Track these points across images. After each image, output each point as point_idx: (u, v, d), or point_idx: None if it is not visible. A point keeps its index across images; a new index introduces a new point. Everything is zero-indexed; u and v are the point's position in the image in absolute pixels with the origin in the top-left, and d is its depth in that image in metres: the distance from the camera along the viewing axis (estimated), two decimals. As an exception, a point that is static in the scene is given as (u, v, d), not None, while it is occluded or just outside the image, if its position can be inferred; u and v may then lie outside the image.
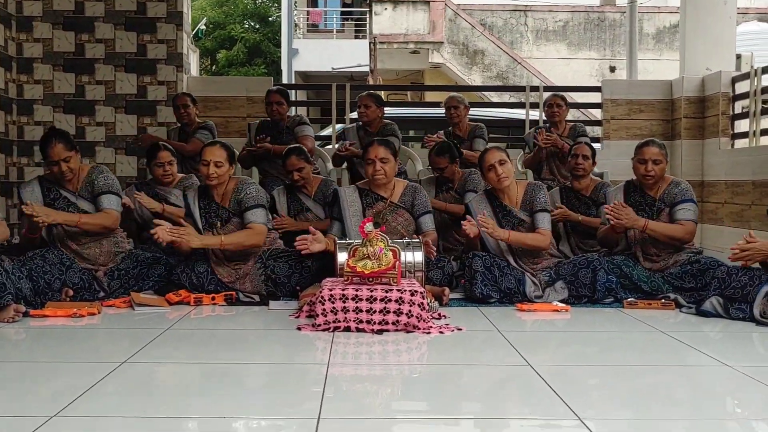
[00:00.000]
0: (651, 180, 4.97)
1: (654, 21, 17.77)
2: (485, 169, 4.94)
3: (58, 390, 2.85)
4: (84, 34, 7.65)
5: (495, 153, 4.94)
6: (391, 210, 4.96)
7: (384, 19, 17.29)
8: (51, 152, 4.66)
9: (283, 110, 6.68)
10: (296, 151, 5.64)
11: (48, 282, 4.44)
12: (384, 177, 4.92)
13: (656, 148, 4.99)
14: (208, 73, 26.60)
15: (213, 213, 4.82)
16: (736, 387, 3.05)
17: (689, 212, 4.89)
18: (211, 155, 4.73)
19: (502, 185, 4.92)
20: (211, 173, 4.72)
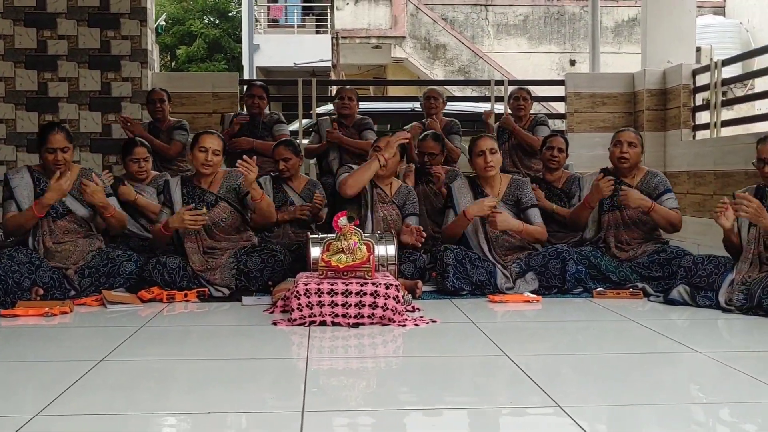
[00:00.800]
0: (625, 163, 5.06)
1: (613, 15, 18.01)
2: (475, 153, 4.99)
3: (37, 389, 2.84)
4: (46, 30, 7.54)
5: (488, 141, 5.03)
6: (385, 202, 5.11)
7: (346, 14, 17.31)
8: (52, 138, 4.66)
9: (263, 104, 6.72)
10: (285, 143, 5.70)
11: (17, 281, 4.40)
12: (386, 170, 5.07)
13: (632, 133, 5.15)
14: (167, 69, 26.35)
15: (197, 198, 4.85)
16: (705, 372, 3.14)
17: (674, 201, 5.08)
18: (210, 143, 4.81)
19: (487, 173, 4.99)
20: (208, 160, 4.79)
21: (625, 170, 5.10)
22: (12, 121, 7.48)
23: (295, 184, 5.65)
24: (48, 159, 4.69)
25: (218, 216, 4.87)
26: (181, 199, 4.86)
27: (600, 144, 7.87)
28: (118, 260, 4.78)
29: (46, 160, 4.71)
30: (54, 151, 4.66)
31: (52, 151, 4.66)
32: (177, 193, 4.88)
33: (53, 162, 4.67)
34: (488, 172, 4.99)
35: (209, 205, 4.85)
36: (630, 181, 5.11)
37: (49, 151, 4.67)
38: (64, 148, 4.68)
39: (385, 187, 5.16)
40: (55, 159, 4.67)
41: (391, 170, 5.15)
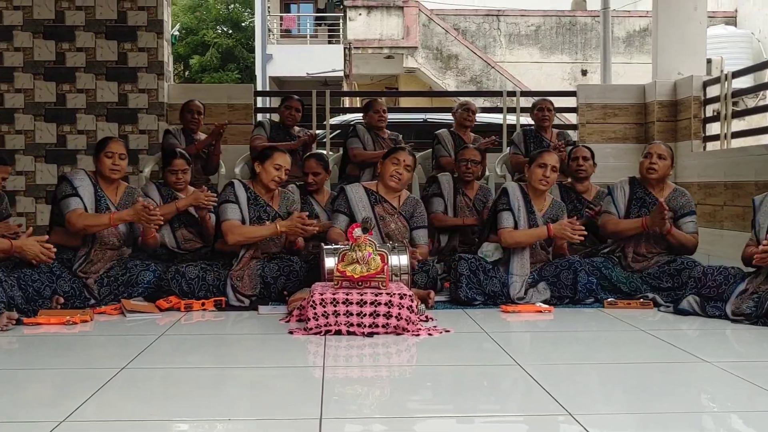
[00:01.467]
0: (653, 174, 5.11)
1: (624, 25, 18.05)
2: (537, 164, 5.04)
3: (63, 396, 2.92)
4: (64, 42, 7.67)
5: (554, 157, 5.09)
6: (393, 214, 5.12)
7: (358, 25, 17.40)
8: (112, 144, 4.94)
9: (298, 117, 6.95)
10: (317, 156, 5.81)
11: (38, 290, 4.48)
12: (399, 182, 5.11)
13: (663, 146, 5.21)
14: (180, 79, 26.55)
15: (261, 209, 4.98)
16: (715, 382, 3.19)
17: (694, 224, 5.12)
18: (284, 161, 4.99)
19: (540, 187, 5.05)
20: (281, 178, 4.99)
21: (653, 181, 5.15)
22: (31, 132, 7.61)
23: (320, 198, 5.76)
24: (104, 163, 4.91)
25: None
26: (246, 201, 4.97)
27: (611, 155, 7.96)
28: (136, 270, 4.87)
29: (103, 165, 4.91)
30: (112, 156, 4.91)
31: (110, 155, 4.90)
32: (242, 194, 4.98)
33: (109, 167, 4.91)
34: (542, 186, 5.04)
35: (271, 218, 5.00)
36: (658, 194, 5.15)
37: (107, 156, 4.90)
38: (121, 155, 4.95)
39: (392, 200, 5.16)
40: (113, 164, 4.91)
41: (404, 184, 5.18)
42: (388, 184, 5.09)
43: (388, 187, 5.12)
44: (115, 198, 4.99)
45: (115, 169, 4.93)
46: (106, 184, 4.98)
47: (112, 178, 4.97)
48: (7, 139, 7.63)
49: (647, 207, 5.08)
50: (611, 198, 5.24)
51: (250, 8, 26.58)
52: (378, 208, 5.10)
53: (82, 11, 7.67)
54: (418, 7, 17.34)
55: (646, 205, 5.09)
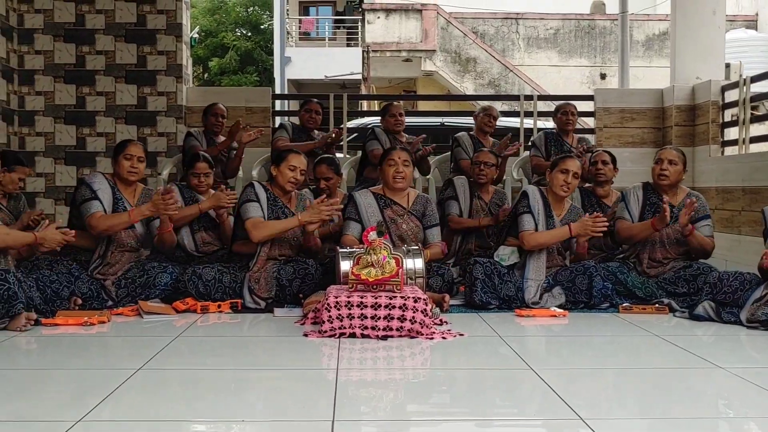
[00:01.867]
0: (665, 180, 5.10)
1: (644, 28, 17.98)
2: (559, 170, 5.05)
3: (79, 396, 2.96)
4: (84, 46, 7.76)
5: (576, 162, 5.10)
6: (404, 215, 5.09)
7: (377, 28, 17.43)
8: (131, 147, 5.03)
9: (318, 120, 6.98)
10: (328, 161, 5.82)
11: (56, 291, 4.55)
12: (403, 181, 5.08)
13: (673, 151, 5.19)
14: (200, 81, 26.72)
15: (279, 210, 5.02)
16: (729, 388, 3.18)
17: (710, 228, 5.12)
18: (299, 162, 5.04)
19: (561, 193, 5.06)
20: (298, 180, 5.04)
21: (665, 187, 5.14)
22: (51, 135, 7.70)
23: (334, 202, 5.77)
24: (123, 164, 4.97)
25: (291, 233, 5.03)
26: (266, 201, 5.02)
27: (629, 159, 7.93)
28: (153, 272, 4.92)
29: (121, 166, 4.97)
30: (131, 158, 4.98)
31: (129, 157, 4.98)
32: (262, 194, 5.02)
33: (127, 168, 4.97)
34: (562, 192, 5.06)
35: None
36: (671, 198, 5.14)
37: (126, 158, 4.97)
38: (140, 158, 5.02)
39: (401, 200, 5.14)
40: (132, 165, 4.98)
41: (409, 181, 5.16)
42: (394, 186, 5.09)
43: (394, 189, 5.12)
44: (132, 200, 5.04)
45: (134, 171, 4.98)
46: (124, 187, 5.03)
47: (131, 180, 5.02)
48: (27, 141, 7.72)
49: (661, 211, 5.07)
50: (625, 204, 5.23)
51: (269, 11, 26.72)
52: (388, 212, 5.09)
53: (102, 15, 7.75)
54: (437, 10, 17.35)
55: (660, 210, 5.08)
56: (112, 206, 4.92)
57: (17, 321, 4.09)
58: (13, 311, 4.08)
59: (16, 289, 4.11)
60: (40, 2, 7.73)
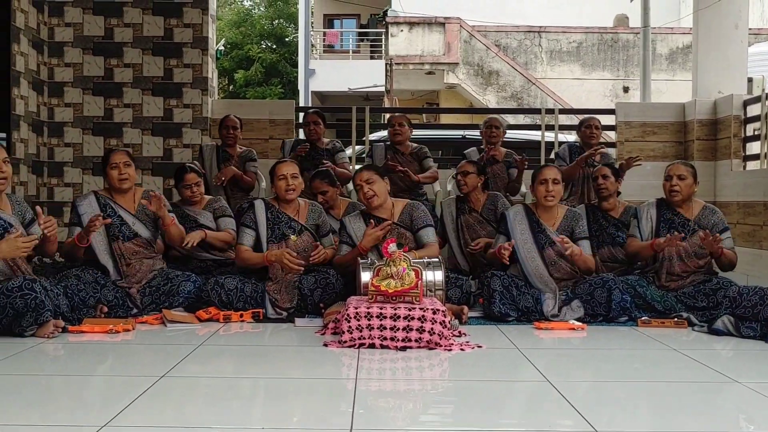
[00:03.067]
0: (677, 196, 5.13)
1: (667, 42, 17.93)
2: (538, 181, 5.11)
3: (104, 402, 3.03)
4: (113, 59, 7.91)
5: (553, 170, 5.15)
6: (394, 229, 5.07)
7: (400, 41, 17.53)
8: (114, 156, 5.05)
9: (320, 130, 6.92)
10: (320, 175, 5.84)
11: (83, 299, 4.64)
12: (375, 198, 5.04)
13: (682, 165, 5.21)
14: (225, 93, 26.95)
15: (284, 224, 5.06)
16: (747, 403, 3.19)
17: (731, 240, 5.14)
18: (287, 169, 5.08)
19: (547, 203, 5.09)
20: (290, 186, 5.05)
21: (678, 203, 5.17)
22: (79, 146, 7.85)
23: (335, 212, 5.83)
24: (112, 175, 5.01)
25: (303, 245, 5.09)
26: (265, 222, 5.09)
27: (651, 173, 7.93)
28: (177, 280, 5.00)
29: (112, 178, 5.01)
30: (117, 166, 4.99)
31: (114, 166, 4.99)
32: (262, 216, 5.10)
33: (116, 178, 5.00)
34: (548, 202, 5.09)
35: (297, 233, 5.11)
36: (686, 213, 5.16)
37: (112, 168, 4.99)
38: (126, 162, 5.02)
39: (387, 215, 5.09)
40: (120, 173, 4.99)
41: (381, 196, 5.07)
42: (370, 206, 5.09)
43: (373, 209, 5.10)
44: (132, 206, 5.09)
45: (123, 178, 5.02)
46: (121, 195, 5.08)
47: (124, 188, 5.05)
48: (56, 151, 7.88)
49: (676, 227, 5.09)
50: (637, 221, 5.27)
51: (294, 24, 26.95)
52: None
53: (130, 28, 7.91)
54: (460, 23, 17.42)
55: (675, 225, 5.10)
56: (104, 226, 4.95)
57: (45, 328, 4.19)
58: (41, 319, 4.17)
59: (43, 297, 4.20)
60: (70, 16, 7.90)
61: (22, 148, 7.37)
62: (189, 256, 5.62)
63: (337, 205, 5.91)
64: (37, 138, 7.72)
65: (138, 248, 5.05)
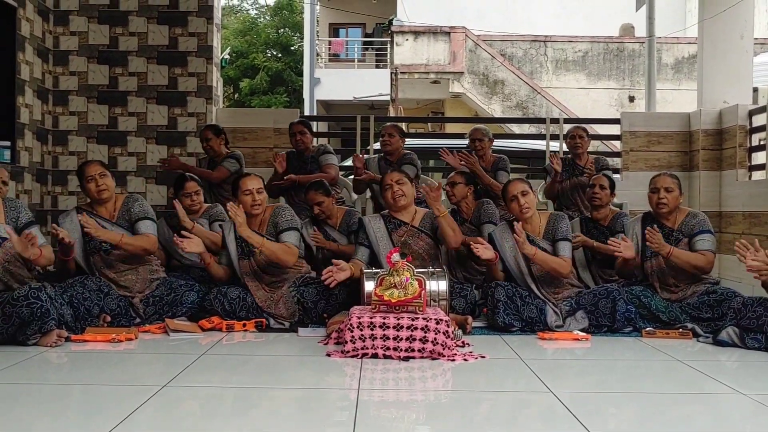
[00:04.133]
0: (664, 208, 5.12)
1: (673, 51, 17.92)
2: (508, 199, 5.11)
3: (106, 411, 3.02)
4: (117, 67, 7.92)
5: (518, 184, 5.11)
6: (413, 234, 5.12)
7: (405, 50, 17.54)
8: (88, 168, 5.00)
9: (306, 140, 6.83)
10: (314, 186, 5.86)
11: (87, 308, 4.64)
12: (404, 197, 5.11)
13: (668, 177, 5.18)
14: (231, 101, 27.01)
15: (242, 241, 5.02)
16: (751, 415, 3.17)
17: (708, 242, 5.04)
18: (251, 184, 5.03)
19: (524, 216, 5.08)
20: (256, 201, 5.00)
21: (665, 215, 5.16)
22: (83, 154, 7.85)
23: (333, 222, 5.84)
24: (90, 189, 4.98)
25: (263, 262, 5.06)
26: (235, 244, 5.10)
27: (655, 183, 7.89)
28: (180, 290, 5.00)
29: (90, 191, 5.00)
30: (93, 179, 4.96)
31: (90, 179, 4.97)
32: (231, 241, 5.11)
33: (94, 192, 4.97)
34: (525, 215, 5.08)
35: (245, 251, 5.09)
36: (670, 224, 5.16)
37: (89, 180, 4.98)
38: (101, 173, 4.99)
39: (408, 219, 5.17)
40: (96, 188, 4.96)
41: (409, 197, 5.16)
42: (396, 207, 5.14)
43: (398, 209, 5.17)
44: (113, 214, 5.04)
45: (102, 189, 4.99)
46: (102, 207, 5.05)
47: (104, 198, 5.01)
48: (60, 159, 7.89)
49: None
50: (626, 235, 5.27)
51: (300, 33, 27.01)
52: (396, 234, 5.14)
53: (135, 37, 7.92)
54: (465, 32, 17.43)
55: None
56: (81, 237, 4.94)
57: (48, 337, 4.19)
58: (45, 328, 4.17)
59: (48, 306, 4.19)
60: (75, 25, 7.91)
61: (26, 156, 7.38)
62: (190, 265, 5.62)
63: (333, 215, 5.91)
64: (42, 146, 7.73)
65: (124, 254, 5.00)
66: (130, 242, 4.94)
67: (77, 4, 7.92)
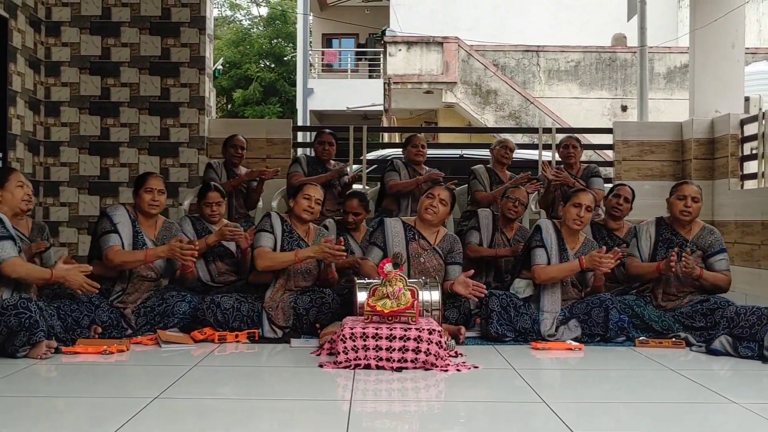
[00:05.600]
0: (688, 216, 5.11)
1: (665, 61, 17.99)
2: (572, 203, 5.08)
3: (97, 423, 3.00)
4: (109, 78, 7.92)
5: (588, 197, 5.10)
6: (429, 252, 5.12)
7: (398, 60, 17.57)
8: (151, 180, 5.09)
9: (332, 151, 6.99)
10: (360, 197, 5.95)
11: (76, 319, 4.61)
12: (435, 215, 5.11)
13: (696, 187, 5.19)
14: (224, 112, 27.01)
15: (295, 242, 5.07)
16: (745, 424, 3.16)
17: (726, 262, 5.10)
18: (314, 193, 5.13)
19: (575, 226, 5.06)
20: (314, 208, 5.10)
21: (686, 223, 5.15)
22: (75, 165, 7.83)
23: (357, 235, 5.87)
24: (145, 199, 5.04)
25: (306, 265, 5.09)
26: (281, 233, 5.10)
27: (649, 192, 7.94)
28: (172, 300, 4.98)
29: (143, 201, 5.04)
30: (152, 191, 5.04)
31: (150, 191, 5.03)
32: (279, 231, 5.10)
33: (148, 202, 5.03)
34: (575, 225, 5.06)
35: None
36: (686, 233, 5.15)
37: (147, 191, 5.03)
38: (160, 190, 5.08)
39: (429, 236, 5.19)
40: (152, 199, 5.04)
41: (440, 218, 5.19)
42: (424, 216, 5.14)
43: (424, 221, 5.16)
44: (153, 233, 5.11)
45: (154, 204, 5.06)
46: (144, 219, 5.10)
47: (151, 213, 5.09)
48: (52, 171, 7.87)
49: (675, 247, 5.06)
50: (636, 240, 5.25)
51: (293, 43, 27.05)
52: (413, 245, 5.12)
53: (127, 47, 7.92)
54: (458, 43, 17.47)
55: (674, 245, 5.07)
56: (132, 240, 4.99)
57: (38, 349, 4.15)
58: (34, 339, 4.14)
59: (37, 317, 4.17)
60: (67, 36, 7.91)
61: (18, 167, 7.35)
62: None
63: (361, 229, 5.95)
64: (33, 158, 7.71)
65: (149, 273, 5.03)
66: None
67: (69, 15, 7.92)
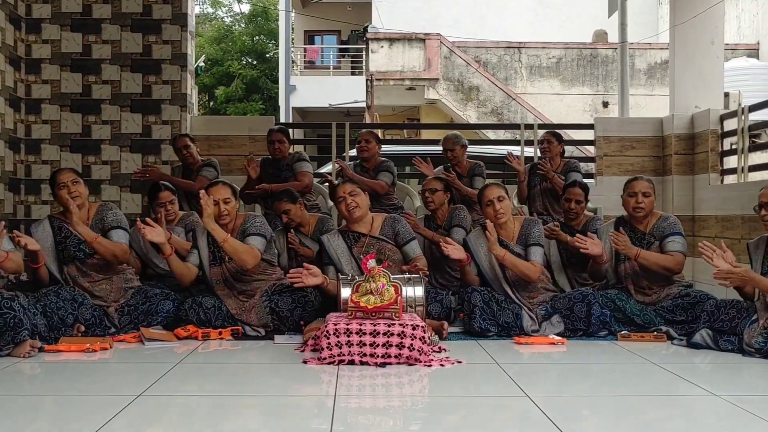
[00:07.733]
0: (641, 212, 5.15)
1: (645, 57, 18.08)
2: (484, 204, 5.13)
3: (80, 421, 2.99)
4: (91, 75, 7.87)
5: (494, 189, 5.12)
6: (374, 244, 5.10)
7: (380, 57, 17.56)
8: (60, 176, 4.96)
9: (284, 148, 6.83)
10: (279, 196, 5.83)
11: (61, 318, 4.60)
12: (358, 209, 5.06)
13: (645, 182, 5.20)
14: (206, 109, 26.90)
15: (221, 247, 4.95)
16: (724, 416, 3.19)
17: (678, 244, 5.06)
18: (217, 194, 4.93)
19: (499, 221, 5.09)
20: (222, 211, 4.90)
21: (641, 219, 5.19)
22: (57, 163, 7.78)
23: (305, 230, 5.81)
24: (62, 196, 4.93)
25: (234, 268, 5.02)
26: (206, 245, 5.04)
27: (629, 187, 7.95)
28: (156, 299, 4.97)
29: (61, 199, 4.94)
30: (64, 186, 4.92)
31: (63, 186, 4.93)
32: (204, 246, 5.06)
33: (64, 198, 4.91)
34: (500, 220, 5.10)
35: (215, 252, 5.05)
36: (643, 228, 5.19)
37: (60, 188, 4.93)
38: (73, 180, 4.95)
39: (363, 229, 5.13)
40: (68, 193, 4.92)
41: (363, 208, 5.11)
42: (351, 219, 5.11)
43: (354, 222, 5.13)
44: (87, 223, 4.99)
45: (75, 195, 4.94)
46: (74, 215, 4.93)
47: (75, 206, 4.92)
48: (33, 168, 7.82)
49: (635, 242, 5.09)
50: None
51: (275, 40, 26.96)
52: (356, 248, 5.09)
53: (108, 45, 7.88)
54: (440, 39, 17.48)
55: (634, 241, 5.10)
56: (54, 246, 4.95)
57: (22, 348, 4.14)
58: (18, 338, 4.13)
59: (21, 316, 4.16)
60: (47, 33, 7.86)
61: (-1, 165, 7.32)
62: (165, 275, 5.57)
63: (306, 221, 5.87)
64: (14, 155, 7.66)
65: (101, 262, 4.97)
66: (104, 243, 4.90)
67: (50, 12, 7.87)
